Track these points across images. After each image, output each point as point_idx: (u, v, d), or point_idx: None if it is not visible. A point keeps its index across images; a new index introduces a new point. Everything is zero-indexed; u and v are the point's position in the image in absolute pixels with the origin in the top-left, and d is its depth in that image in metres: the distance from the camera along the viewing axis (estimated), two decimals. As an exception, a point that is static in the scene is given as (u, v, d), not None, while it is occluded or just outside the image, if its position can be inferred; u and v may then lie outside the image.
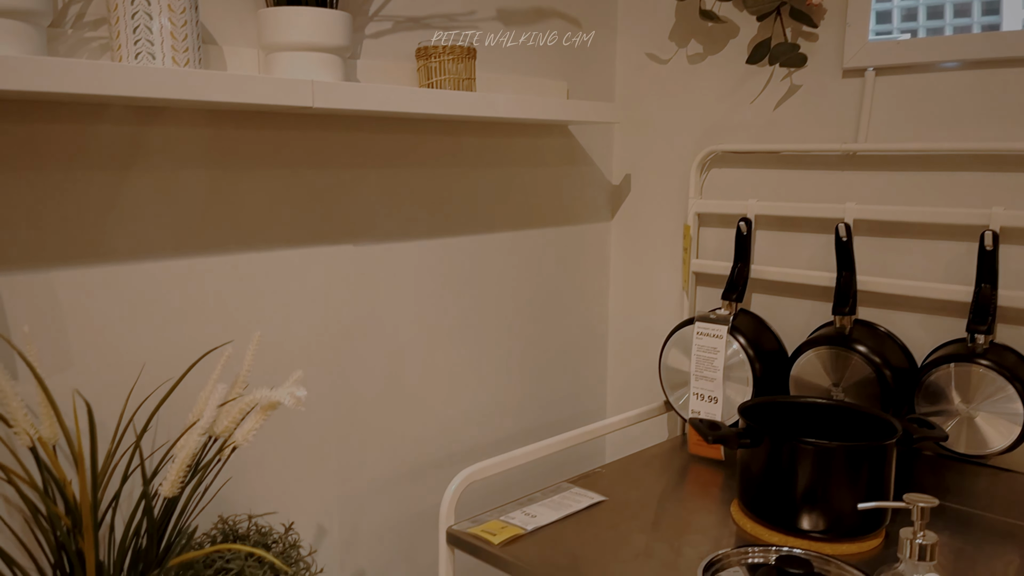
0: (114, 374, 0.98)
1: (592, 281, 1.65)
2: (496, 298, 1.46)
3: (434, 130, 1.32)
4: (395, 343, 1.31)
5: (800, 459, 1.08)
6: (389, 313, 1.29)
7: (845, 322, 1.28)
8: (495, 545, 1.09)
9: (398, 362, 1.32)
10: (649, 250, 1.62)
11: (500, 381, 1.49)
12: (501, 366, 1.49)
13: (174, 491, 0.80)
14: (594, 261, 1.65)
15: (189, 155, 1.03)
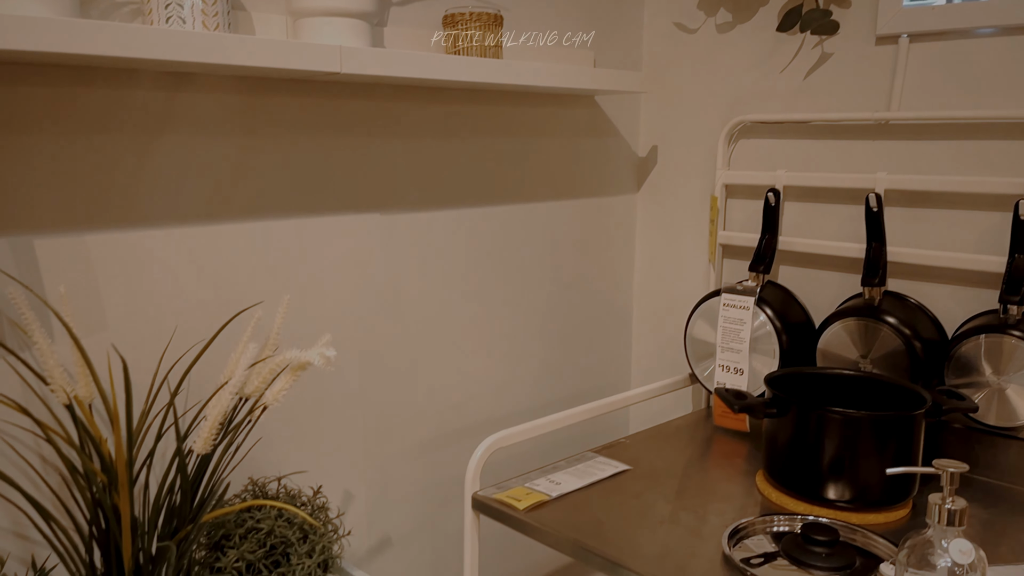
0: (146, 337, 1.00)
1: (617, 253, 1.65)
2: (521, 269, 1.46)
3: (461, 99, 1.31)
4: (420, 313, 1.31)
5: (827, 428, 1.07)
6: (415, 282, 1.30)
7: (874, 293, 1.27)
8: (520, 511, 1.10)
9: (423, 331, 1.32)
10: (675, 222, 1.61)
11: (524, 352, 1.50)
12: (525, 337, 1.50)
13: (206, 448, 0.81)
14: (620, 233, 1.64)
15: (218, 122, 1.03)
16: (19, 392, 0.90)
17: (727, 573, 0.94)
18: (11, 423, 0.90)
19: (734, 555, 0.97)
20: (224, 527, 0.99)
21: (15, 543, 0.93)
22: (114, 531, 0.83)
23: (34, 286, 0.90)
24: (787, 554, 0.97)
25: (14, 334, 0.89)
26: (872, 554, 0.99)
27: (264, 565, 0.97)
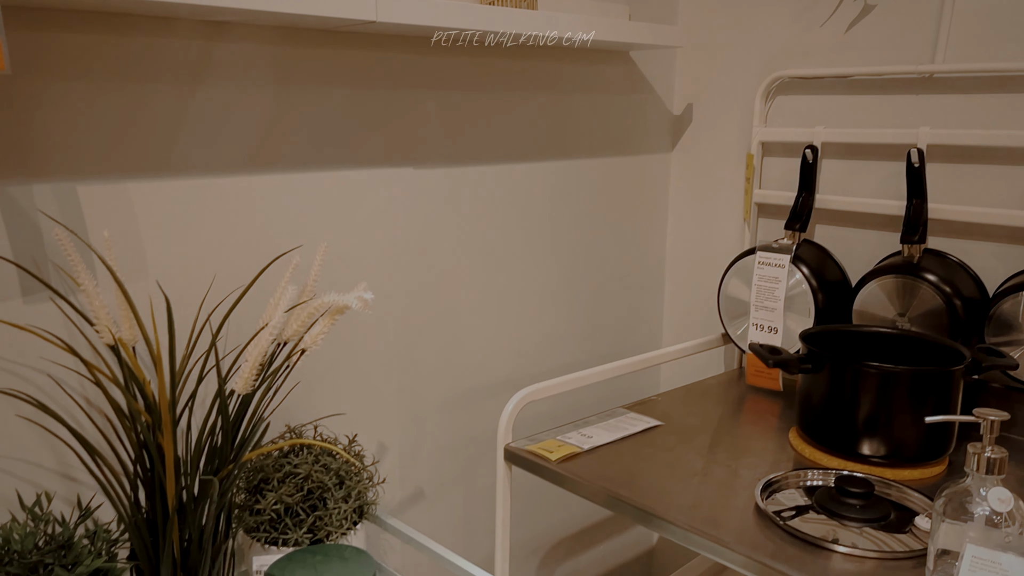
0: (187, 284, 1.02)
1: (650, 212, 1.64)
2: (553, 227, 1.46)
3: (496, 53, 1.31)
4: (454, 268, 1.32)
5: (863, 384, 1.06)
6: (448, 237, 1.30)
7: (914, 251, 1.25)
8: (552, 461, 1.11)
9: (457, 286, 1.33)
10: (710, 181, 1.59)
11: (556, 310, 1.50)
12: (557, 295, 1.50)
13: (247, 389, 0.83)
14: (653, 192, 1.63)
15: (254, 72, 1.04)
16: (65, 335, 0.93)
17: (759, 524, 0.94)
18: (59, 364, 0.92)
19: (767, 508, 0.97)
20: (263, 471, 1.01)
21: (61, 483, 0.96)
22: (158, 470, 0.86)
23: (77, 231, 0.92)
24: (820, 506, 0.97)
25: (60, 279, 0.92)
26: (907, 508, 0.98)
27: (301, 508, 0.99)
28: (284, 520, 0.98)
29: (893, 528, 0.93)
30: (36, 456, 0.93)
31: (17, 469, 0.92)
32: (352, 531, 1.01)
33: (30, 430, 0.92)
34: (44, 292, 0.90)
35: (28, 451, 0.92)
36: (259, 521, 0.98)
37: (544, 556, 1.58)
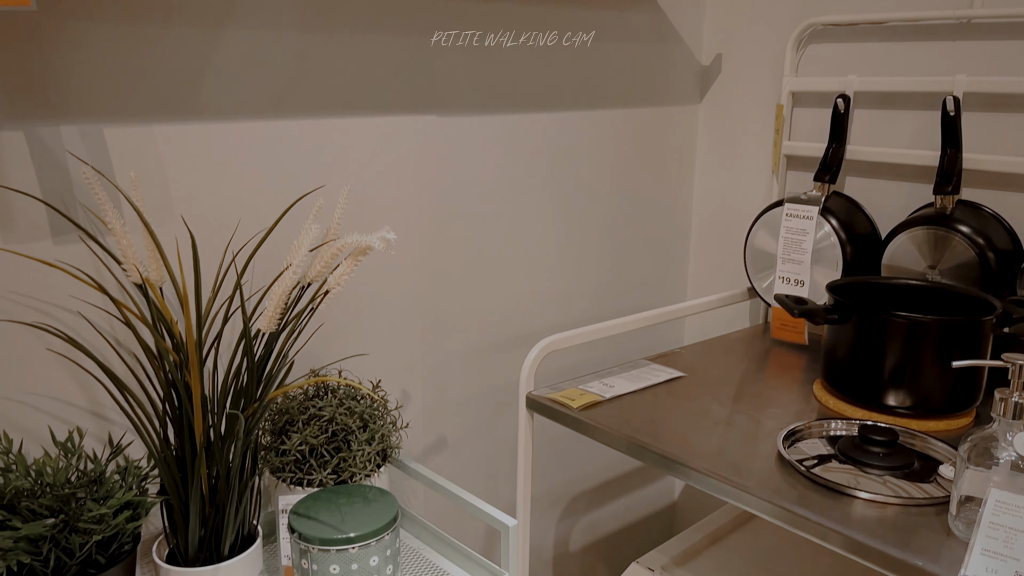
0: (213, 228, 1.03)
1: (677, 164, 1.62)
2: (578, 178, 1.45)
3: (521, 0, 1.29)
4: (477, 218, 1.31)
5: (891, 334, 1.05)
6: (472, 187, 1.30)
7: (947, 202, 1.22)
8: (574, 409, 1.12)
9: (480, 237, 1.33)
10: (738, 133, 1.57)
11: (581, 263, 1.50)
12: (582, 247, 1.49)
13: (271, 327, 0.84)
14: (680, 144, 1.61)
15: (281, 16, 1.03)
16: (94, 275, 0.94)
17: (782, 472, 0.94)
18: (88, 302, 0.94)
19: (789, 456, 0.97)
20: (288, 414, 1.03)
21: (93, 421, 0.98)
22: (186, 408, 0.87)
23: (104, 173, 0.93)
24: (844, 454, 0.96)
25: (88, 220, 0.93)
26: (931, 457, 0.97)
27: (326, 450, 1.01)
28: (309, 461, 1.00)
29: (917, 477, 0.92)
30: (68, 395, 0.95)
31: (49, 407, 0.94)
32: (376, 473, 1.03)
33: (61, 369, 0.94)
34: (73, 233, 0.92)
35: (60, 390, 0.94)
36: (284, 462, 1.00)
37: (565, 508, 1.60)
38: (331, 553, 0.85)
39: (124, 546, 0.85)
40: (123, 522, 0.83)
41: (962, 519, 0.80)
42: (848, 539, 0.81)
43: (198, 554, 0.90)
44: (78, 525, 0.80)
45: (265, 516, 1.12)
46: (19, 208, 0.88)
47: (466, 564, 1.05)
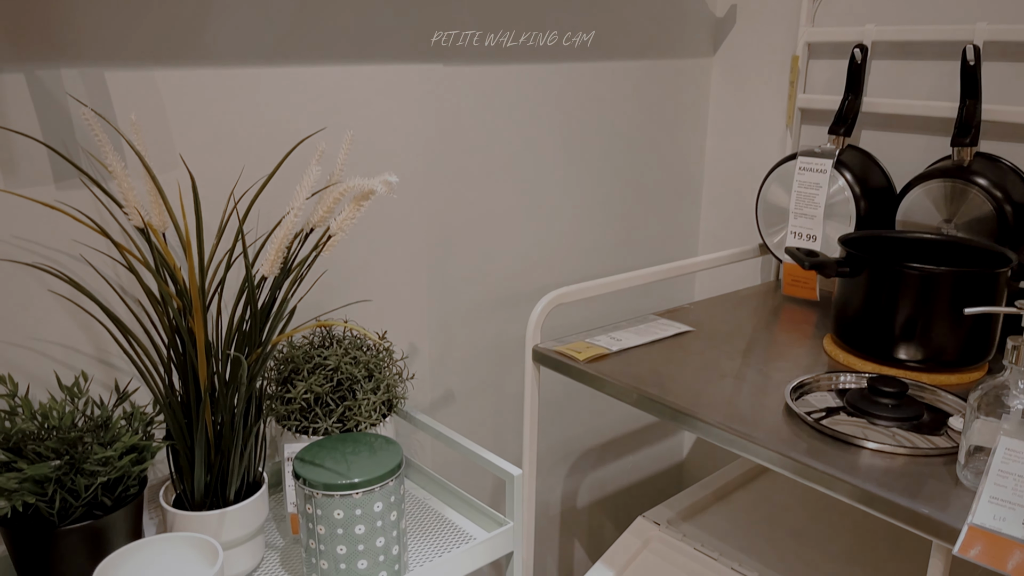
0: (215, 175, 1.02)
1: (689, 119, 1.59)
2: (588, 131, 1.43)
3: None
4: (485, 170, 1.30)
5: (903, 286, 1.03)
6: (479, 139, 1.28)
7: (964, 154, 1.19)
8: (580, 361, 1.11)
9: (488, 190, 1.31)
10: (752, 86, 1.54)
11: (591, 218, 1.48)
12: (593, 203, 1.47)
13: (273, 271, 0.83)
14: (693, 97, 1.58)
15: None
16: (96, 220, 0.94)
17: (790, 424, 0.93)
18: (91, 247, 0.94)
19: (796, 408, 0.96)
20: (293, 363, 1.02)
21: (99, 368, 0.98)
22: (190, 354, 0.87)
23: (105, 116, 0.92)
24: (852, 406, 0.95)
25: (90, 164, 0.92)
26: (941, 410, 0.96)
27: (331, 399, 1.01)
28: (314, 410, 1.00)
29: (926, 429, 0.91)
30: (73, 341, 0.95)
31: (55, 352, 0.94)
32: (381, 423, 1.03)
33: (66, 315, 0.94)
34: (75, 178, 0.91)
35: (65, 336, 0.94)
36: (290, 410, 1.00)
37: (572, 465, 1.60)
38: (335, 498, 0.85)
39: (130, 489, 0.86)
40: (128, 464, 0.83)
41: (971, 469, 0.79)
42: (856, 488, 0.80)
43: (204, 499, 0.91)
44: (84, 467, 0.81)
45: (271, 466, 1.13)
46: (21, 152, 0.87)
47: (472, 514, 1.05)
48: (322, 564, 0.87)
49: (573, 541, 1.66)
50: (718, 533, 1.22)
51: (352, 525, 0.86)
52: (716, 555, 1.16)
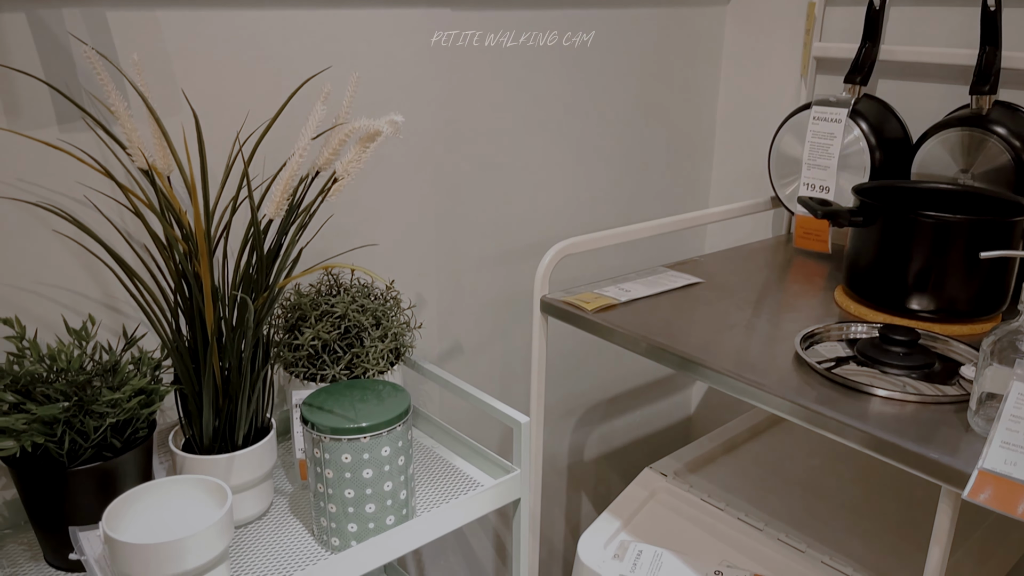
0: (220, 119, 1.00)
1: (702, 69, 1.56)
2: (597, 79, 1.40)
3: None
4: (493, 118, 1.28)
5: (917, 235, 1.02)
6: (487, 86, 1.26)
7: (983, 103, 1.17)
8: (588, 311, 1.10)
9: (496, 139, 1.30)
10: (766, 35, 1.50)
11: (599, 170, 1.46)
12: (603, 154, 1.45)
13: (278, 212, 0.82)
14: (706, 46, 1.55)
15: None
16: (101, 163, 0.93)
17: (800, 372, 0.93)
18: (95, 189, 0.93)
19: (806, 356, 0.95)
20: (300, 310, 1.02)
21: (106, 314, 0.98)
22: (197, 299, 0.87)
23: (108, 57, 0.91)
24: (862, 354, 0.94)
25: (93, 106, 0.91)
26: (953, 359, 0.95)
27: (339, 346, 1.00)
28: (322, 357, 1.00)
29: (937, 379, 0.91)
30: (80, 286, 0.95)
31: (62, 297, 0.94)
32: (389, 371, 1.03)
33: (73, 260, 0.93)
34: (78, 121, 0.90)
35: (72, 281, 0.94)
36: (297, 357, 1.00)
37: (580, 418, 1.60)
38: (343, 442, 0.85)
39: (139, 432, 0.86)
40: (137, 406, 0.83)
41: (982, 415, 0.79)
42: (865, 435, 0.80)
43: (213, 444, 0.91)
44: (93, 408, 0.81)
45: (279, 414, 1.13)
46: (23, 94, 0.86)
47: (479, 462, 1.05)
48: (330, 508, 0.88)
49: (580, 494, 1.67)
50: (725, 485, 1.23)
51: (360, 469, 0.86)
52: (723, 506, 1.16)
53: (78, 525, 0.82)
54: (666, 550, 1.12)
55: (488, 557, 1.53)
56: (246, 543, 0.90)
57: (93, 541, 0.82)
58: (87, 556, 0.80)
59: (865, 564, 1.04)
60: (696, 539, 1.14)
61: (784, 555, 1.07)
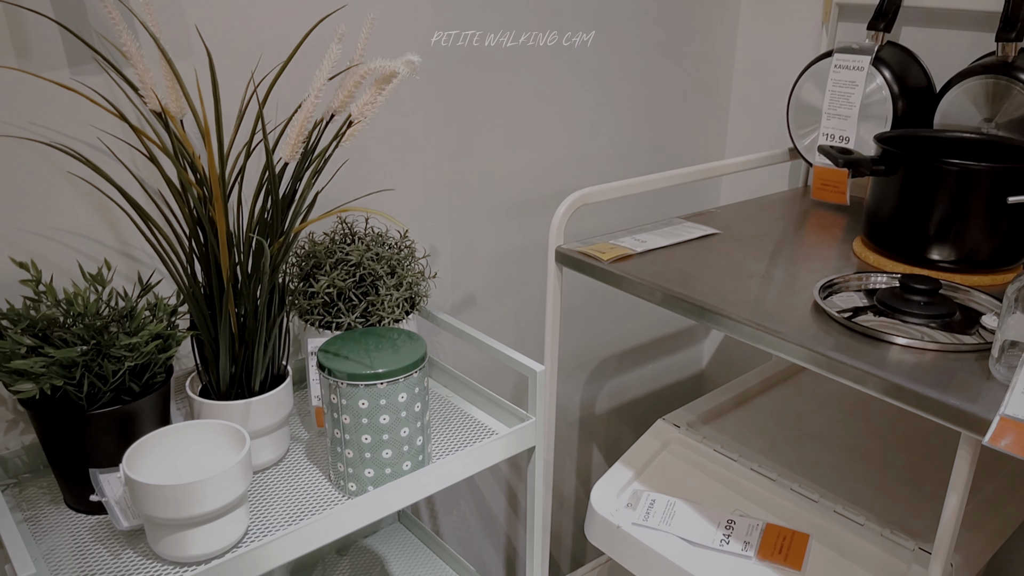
0: (232, 63, 0.99)
1: (720, 14, 1.52)
2: (612, 27, 1.37)
3: None
4: (506, 69, 1.26)
5: (940, 184, 1.00)
6: (503, 34, 1.23)
7: (1009, 50, 1.14)
8: (604, 261, 1.09)
9: (510, 90, 1.27)
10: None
11: (614, 121, 1.44)
12: (616, 105, 1.43)
13: (294, 155, 0.81)
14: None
15: None
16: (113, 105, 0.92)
17: (818, 321, 0.92)
18: (108, 132, 0.92)
19: (825, 305, 0.94)
20: (315, 258, 1.02)
21: (121, 261, 0.98)
22: (212, 244, 0.86)
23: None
24: (882, 303, 0.93)
25: (105, 49, 0.89)
26: (973, 309, 0.94)
27: (354, 294, 1.00)
28: (337, 304, 1.00)
29: (957, 328, 0.90)
30: (94, 232, 0.94)
31: (78, 244, 0.94)
32: (404, 320, 1.03)
33: (86, 204, 0.93)
34: (90, 63, 0.89)
35: (87, 227, 0.94)
36: (313, 305, 1.00)
37: (592, 372, 1.60)
38: (360, 388, 0.85)
39: (157, 377, 0.87)
40: (154, 351, 0.83)
41: (1004, 363, 0.78)
42: (885, 382, 0.79)
43: (229, 390, 0.91)
44: (110, 353, 0.81)
45: (295, 364, 1.13)
46: (35, 35, 0.85)
47: (494, 410, 1.06)
48: (347, 453, 0.88)
49: (592, 447, 1.68)
50: (738, 436, 1.23)
51: (377, 415, 0.86)
52: (735, 456, 1.16)
53: (98, 468, 0.83)
54: (679, 499, 1.12)
55: (500, 509, 1.55)
56: (264, 488, 0.91)
57: (113, 483, 0.82)
58: (108, 498, 0.81)
59: (877, 514, 1.05)
60: (709, 489, 1.14)
61: (796, 505, 1.08)
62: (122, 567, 0.78)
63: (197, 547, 0.77)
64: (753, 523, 1.07)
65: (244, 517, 0.80)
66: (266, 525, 0.85)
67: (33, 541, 0.81)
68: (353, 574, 1.24)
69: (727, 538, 1.05)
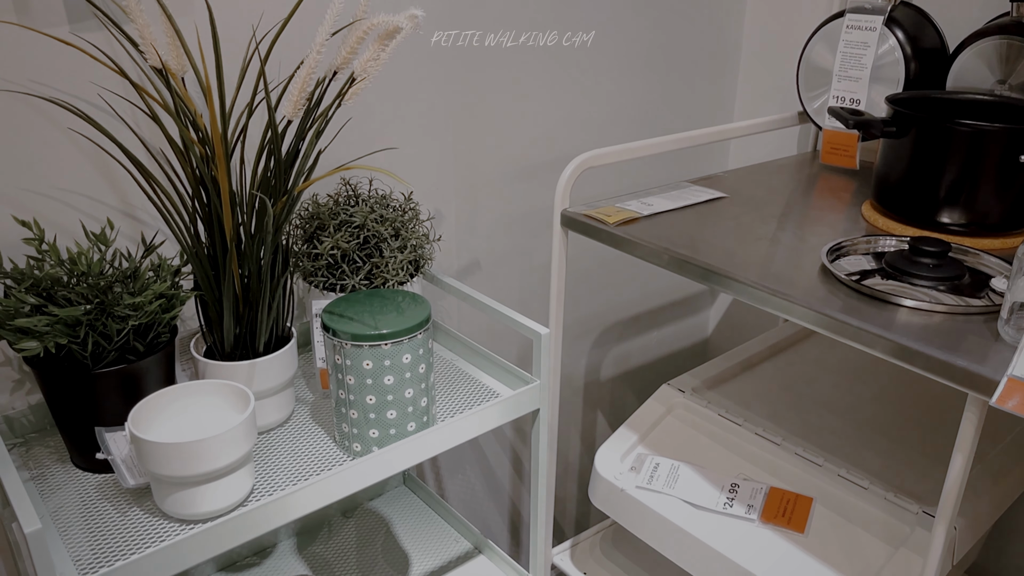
0: (234, 20, 0.97)
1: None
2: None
3: None
4: (513, 28, 1.24)
5: (952, 145, 0.98)
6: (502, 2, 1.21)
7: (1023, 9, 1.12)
8: (610, 224, 1.08)
9: (515, 55, 1.26)
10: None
11: (621, 85, 1.42)
12: (623, 68, 1.41)
13: (296, 113, 0.80)
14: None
15: None
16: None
17: (826, 284, 0.91)
18: (109, 90, 0.91)
19: (832, 267, 0.93)
20: (319, 219, 1.01)
21: (124, 221, 0.97)
22: (215, 204, 0.85)
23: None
24: (890, 266, 0.93)
25: (105, 4, 0.88)
26: (983, 272, 0.93)
27: (358, 256, 1.00)
28: (341, 266, 0.99)
29: (966, 291, 0.89)
30: (97, 192, 0.94)
31: (80, 204, 0.93)
32: (409, 283, 1.02)
33: (89, 163, 0.92)
34: (91, 19, 0.87)
35: (88, 187, 0.93)
36: (317, 266, 0.99)
37: (597, 338, 1.60)
38: (364, 348, 0.85)
39: (161, 336, 0.86)
40: (159, 310, 0.83)
41: (1013, 325, 0.77)
42: (892, 343, 0.79)
43: (234, 351, 0.91)
44: (114, 312, 0.81)
45: (300, 326, 1.13)
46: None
47: (499, 373, 1.06)
48: (352, 414, 0.88)
49: (596, 412, 1.68)
50: (743, 401, 1.23)
51: (381, 376, 0.86)
52: (740, 421, 1.16)
53: (104, 427, 0.83)
54: (683, 463, 1.12)
55: (505, 473, 1.55)
56: (269, 448, 0.91)
57: (119, 441, 0.83)
58: (113, 455, 0.81)
59: (881, 478, 1.05)
60: (713, 453, 1.14)
61: (801, 469, 1.08)
62: (129, 524, 0.78)
63: (203, 504, 0.77)
64: (757, 487, 1.07)
65: (249, 476, 0.81)
66: (272, 485, 0.85)
67: (40, 499, 0.82)
68: (359, 536, 1.25)
69: (731, 501, 1.05)
